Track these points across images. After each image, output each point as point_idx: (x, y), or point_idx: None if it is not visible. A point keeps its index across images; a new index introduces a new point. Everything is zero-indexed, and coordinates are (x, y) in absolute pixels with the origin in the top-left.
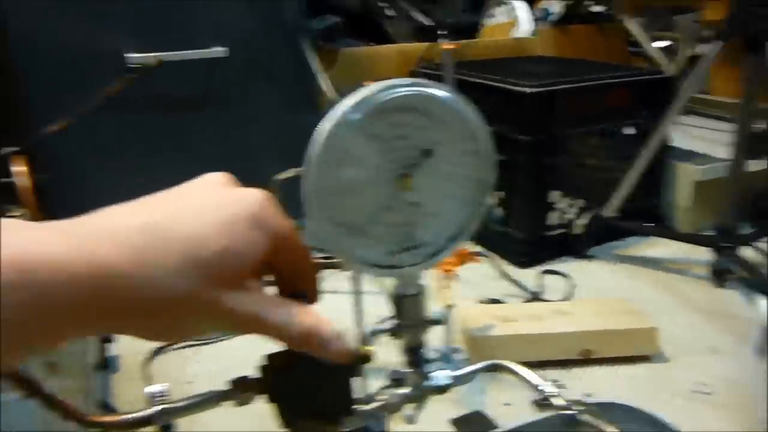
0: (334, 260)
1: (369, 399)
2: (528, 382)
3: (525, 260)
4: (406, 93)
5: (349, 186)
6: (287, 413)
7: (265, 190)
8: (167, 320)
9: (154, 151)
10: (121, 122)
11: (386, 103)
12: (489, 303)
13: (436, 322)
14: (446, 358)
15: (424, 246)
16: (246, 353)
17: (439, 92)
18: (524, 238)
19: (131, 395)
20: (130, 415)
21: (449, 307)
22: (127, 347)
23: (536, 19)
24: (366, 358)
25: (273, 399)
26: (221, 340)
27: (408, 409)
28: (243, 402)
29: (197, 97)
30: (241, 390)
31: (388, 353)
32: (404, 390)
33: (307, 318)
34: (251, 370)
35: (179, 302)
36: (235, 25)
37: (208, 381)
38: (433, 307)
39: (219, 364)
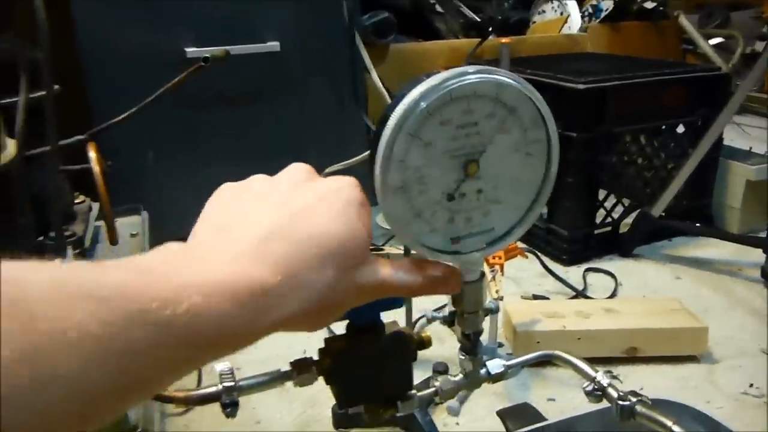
0: (382, 249)
1: (423, 385)
2: (583, 371)
3: (570, 257)
4: (477, 80)
5: (417, 172)
6: (345, 395)
7: None
8: (318, 317)
9: (209, 144)
10: (178, 114)
11: (457, 89)
12: (533, 299)
13: (491, 311)
14: (491, 352)
15: (487, 233)
16: (292, 341)
17: (509, 79)
18: (570, 236)
19: (178, 384)
20: (199, 391)
21: (498, 298)
22: None
23: (587, 16)
24: (425, 343)
25: (331, 381)
26: None
27: (451, 401)
28: (303, 383)
29: (252, 91)
30: (301, 371)
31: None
32: (458, 377)
33: (421, 269)
34: (297, 356)
35: (328, 297)
36: (289, 20)
37: (256, 369)
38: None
39: (267, 351)
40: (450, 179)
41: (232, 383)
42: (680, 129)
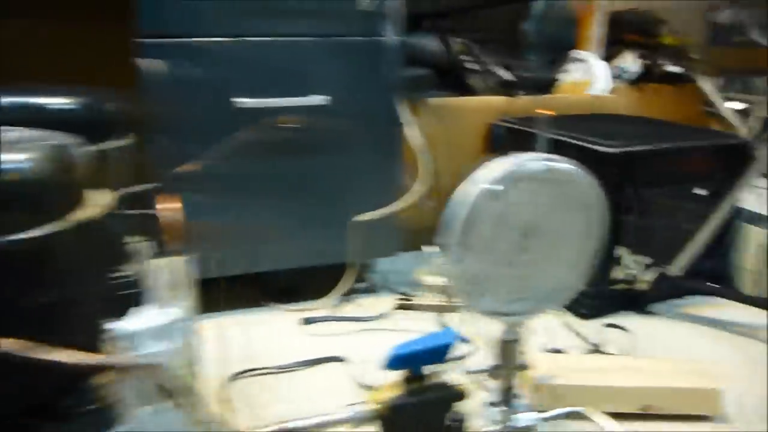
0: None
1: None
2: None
3: (587, 312)
4: (538, 166)
5: (482, 242)
6: None
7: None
8: None
9: (258, 192)
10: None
11: (523, 174)
12: (551, 352)
13: (524, 367)
14: (524, 407)
15: (534, 299)
16: (321, 382)
17: (564, 165)
18: (588, 291)
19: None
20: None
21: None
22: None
23: (612, 77)
24: (464, 394)
25: (386, 428)
26: (298, 369)
27: None
28: (358, 425)
29: (297, 142)
30: (361, 419)
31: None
32: (494, 427)
33: None
34: (324, 400)
35: None
36: (336, 75)
37: (283, 410)
38: None
39: (296, 392)
40: (508, 249)
41: (289, 425)
42: (703, 192)
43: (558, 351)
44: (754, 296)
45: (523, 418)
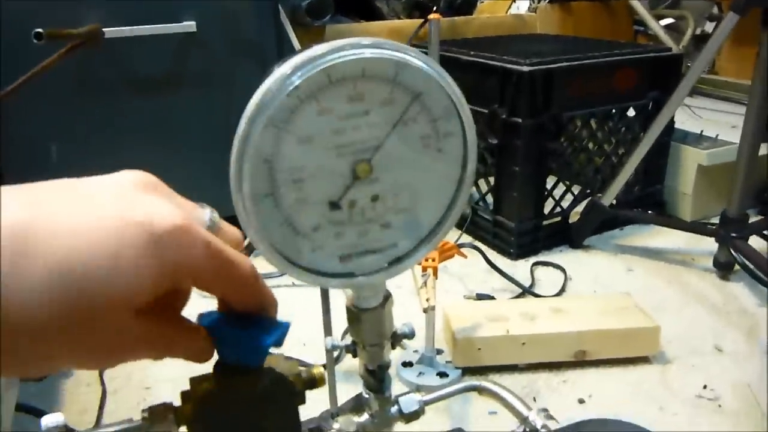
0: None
1: (320, 428)
2: (514, 409)
3: (518, 251)
4: (367, 56)
5: (289, 174)
6: None
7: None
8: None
9: (123, 133)
10: (87, 102)
11: (338, 67)
12: (477, 299)
13: (404, 336)
14: (428, 361)
15: (388, 249)
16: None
17: (412, 56)
18: (517, 228)
19: (85, 402)
20: None
21: (429, 309)
22: None
23: None
24: (314, 382)
25: (197, 431)
26: None
27: None
28: None
29: (169, 75)
30: (155, 420)
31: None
32: (363, 417)
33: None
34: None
35: (38, 332)
36: None
37: (167, 387)
38: (410, 307)
39: (186, 367)
40: (335, 183)
41: None
42: (631, 113)
43: (484, 297)
44: (691, 222)
45: (405, 402)
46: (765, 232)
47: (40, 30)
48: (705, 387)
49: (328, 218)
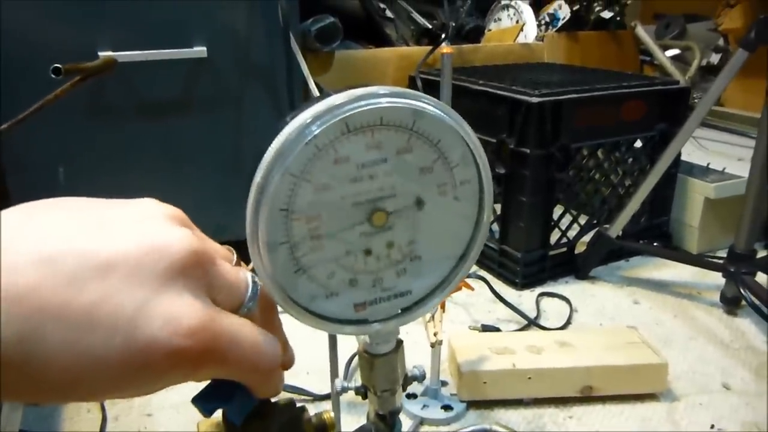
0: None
1: None
2: None
3: (523, 281)
4: (384, 105)
5: (306, 222)
6: None
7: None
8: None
9: (131, 158)
10: (96, 126)
11: (356, 117)
12: (482, 330)
13: (414, 379)
14: (433, 394)
15: (402, 296)
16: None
17: (429, 105)
18: (523, 258)
19: (85, 428)
20: None
21: (436, 344)
22: None
23: (543, 24)
24: (325, 428)
25: None
26: None
27: None
28: None
29: (179, 99)
30: None
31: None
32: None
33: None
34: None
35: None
36: (216, 23)
37: (169, 414)
38: (414, 334)
39: (187, 395)
40: (351, 231)
41: None
42: (638, 144)
43: (490, 328)
44: (697, 255)
45: None
46: None
47: (59, 66)
48: (713, 426)
49: (343, 265)
